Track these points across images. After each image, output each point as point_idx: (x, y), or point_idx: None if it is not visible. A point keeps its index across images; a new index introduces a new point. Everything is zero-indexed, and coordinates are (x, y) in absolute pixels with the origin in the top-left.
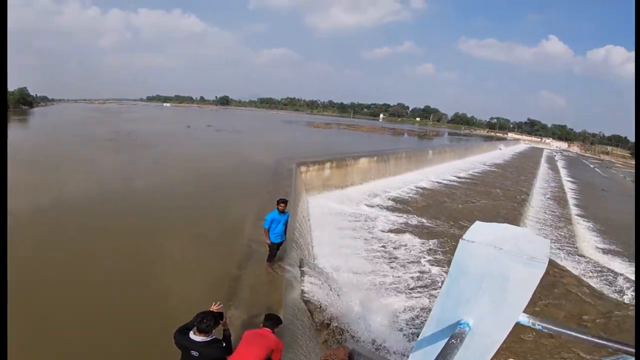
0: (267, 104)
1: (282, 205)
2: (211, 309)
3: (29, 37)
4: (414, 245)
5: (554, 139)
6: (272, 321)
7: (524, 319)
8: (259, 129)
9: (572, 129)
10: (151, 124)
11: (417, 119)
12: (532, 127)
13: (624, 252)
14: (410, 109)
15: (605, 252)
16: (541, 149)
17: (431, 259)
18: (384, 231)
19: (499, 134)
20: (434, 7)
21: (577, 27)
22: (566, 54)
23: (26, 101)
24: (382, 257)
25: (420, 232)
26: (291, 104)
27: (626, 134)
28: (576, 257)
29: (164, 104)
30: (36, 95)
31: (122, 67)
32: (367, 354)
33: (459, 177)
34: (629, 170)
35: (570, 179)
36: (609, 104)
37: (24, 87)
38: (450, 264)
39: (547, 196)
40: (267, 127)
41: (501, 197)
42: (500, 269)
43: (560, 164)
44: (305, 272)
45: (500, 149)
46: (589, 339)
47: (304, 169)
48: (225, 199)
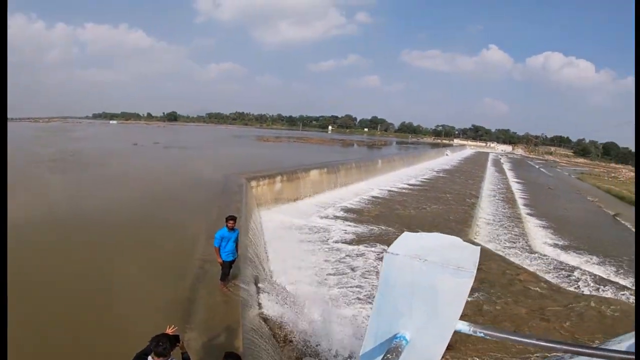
0: (215, 118)
1: (231, 222)
2: (166, 332)
3: None
4: (370, 254)
5: (498, 142)
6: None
7: (464, 327)
8: (207, 144)
9: (516, 133)
10: (97, 142)
11: (366, 130)
12: (476, 133)
13: (575, 246)
14: (358, 120)
15: (557, 247)
16: (487, 153)
17: None
18: (339, 242)
19: (445, 141)
20: (378, 20)
21: (515, 35)
22: (506, 62)
23: None
24: (339, 268)
25: (375, 240)
26: (240, 119)
27: (567, 134)
28: (530, 254)
29: (111, 121)
30: None
31: (67, 83)
32: None
33: (410, 184)
34: (572, 167)
35: (517, 180)
36: (549, 107)
37: None
38: None
39: (497, 198)
40: (216, 143)
41: (452, 201)
42: (427, 281)
43: (506, 166)
44: (261, 289)
45: (447, 155)
46: (534, 342)
47: (254, 183)
48: (175, 218)
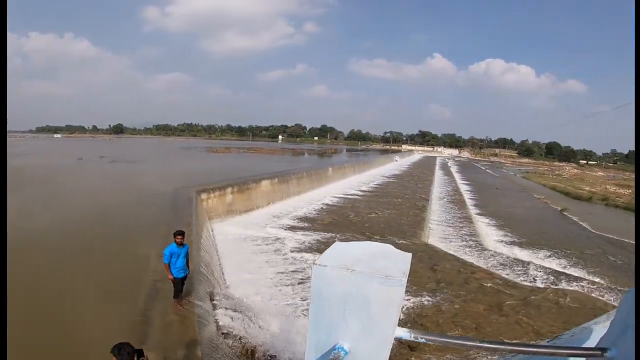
0: (163, 131)
1: (180, 237)
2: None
3: None
4: None
5: (445, 147)
6: None
7: (405, 334)
8: (156, 158)
9: (461, 137)
10: (41, 158)
11: (316, 139)
12: (424, 138)
13: (527, 242)
14: (308, 129)
15: (509, 244)
16: (435, 158)
17: None
18: (295, 252)
19: (394, 147)
20: (326, 30)
21: (459, 44)
22: (450, 70)
23: None
24: (296, 278)
25: None
26: (189, 130)
27: (512, 136)
28: (483, 252)
29: (55, 135)
30: None
31: (10, 96)
32: None
33: (362, 191)
34: (518, 168)
35: (465, 182)
36: (493, 111)
37: None
38: None
39: (447, 200)
40: (165, 156)
41: (404, 205)
42: (359, 291)
43: (454, 170)
44: (218, 305)
45: (396, 160)
46: (477, 344)
47: (205, 196)
48: (124, 236)
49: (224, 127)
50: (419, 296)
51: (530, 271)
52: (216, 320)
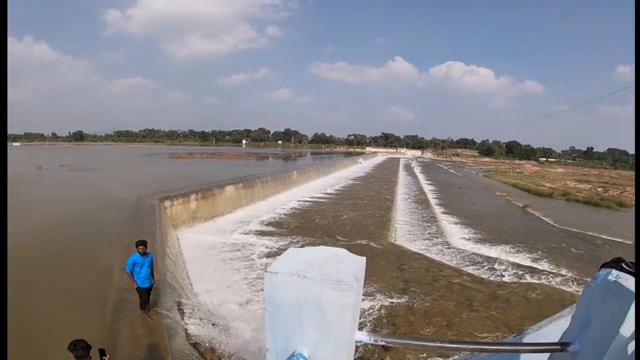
0: (124, 137)
1: (141, 247)
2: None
3: None
4: None
5: (408, 148)
6: None
7: (364, 337)
8: (117, 165)
9: (423, 138)
10: None
11: (280, 142)
12: (386, 140)
13: (491, 238)
14: (271, 133)
15: (475, 241)
16: (398, 159)
17: None
18: (262, 257)
19: (357, 149)
20: (288, 34)
21: (419, 47)
22: (411, 72)
23: None
24: None
25: None
26: (150, 136)
27: (472, 136)
28: (449, 250)
29: (13, 144)
30: None
31: None
32: None
33: (327, 194)
34: (479, 166)
35: (428, 182)
36: (453, 112)
37: None
38: None
39: (411, 200)
40: (127, 163)
41: (369, 207)
42: (311, 297)
43: (417, 170)
44: (186, 314)
45: (360, 162)
46: (437, 344)
47: (168, 203)
48: (86, 247)
49: (187, 132)
50: (389, 296)
51: (496, 266)
52: (185, 329)
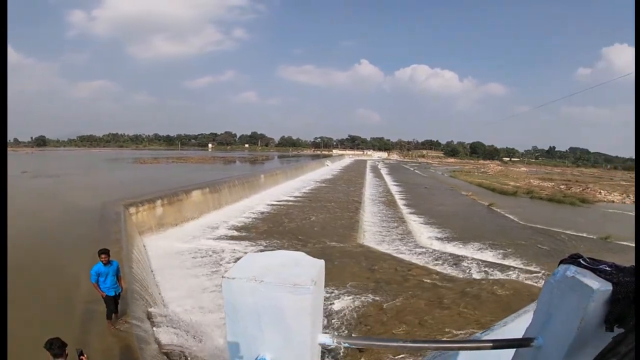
0: (88, 142)
1: (104, 256)
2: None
3: None
4: None
5: (374, 150)
6: None
7: (327, 340)
8: (81, 171)
9: (389, 140)
10: None
11: (246, 146)
12: (353, 142)
13: (459, 236)
14: (238, 136)
15: (442, 240)
16: (365, 161)
17: None
18: (232, 262)
19: (324, 152)
20: (255, 36)
21: (385, 50)
22: (377, 75)
23: None
24: None
25: None
26: (114, 140)
27: (437, 137)
28: (417, 249)
29: None
30: None
31: None
32: None
33: (294, 197)
34: (445, 167)
35: (395, 183)
36: (419, 114)
37: None
38: None
39: (378, 201)
40: (90, 168)
41: (337, 209)
42: (269, 301)
43: (384, 172)
44: (157, 323)
45: (327, 165)
46: (401, 344)
47: (133, 210)
48: (49, 257)
49: (151, 136)
50: (360, 297)
51: (464, 264)
52: (156, 339)
